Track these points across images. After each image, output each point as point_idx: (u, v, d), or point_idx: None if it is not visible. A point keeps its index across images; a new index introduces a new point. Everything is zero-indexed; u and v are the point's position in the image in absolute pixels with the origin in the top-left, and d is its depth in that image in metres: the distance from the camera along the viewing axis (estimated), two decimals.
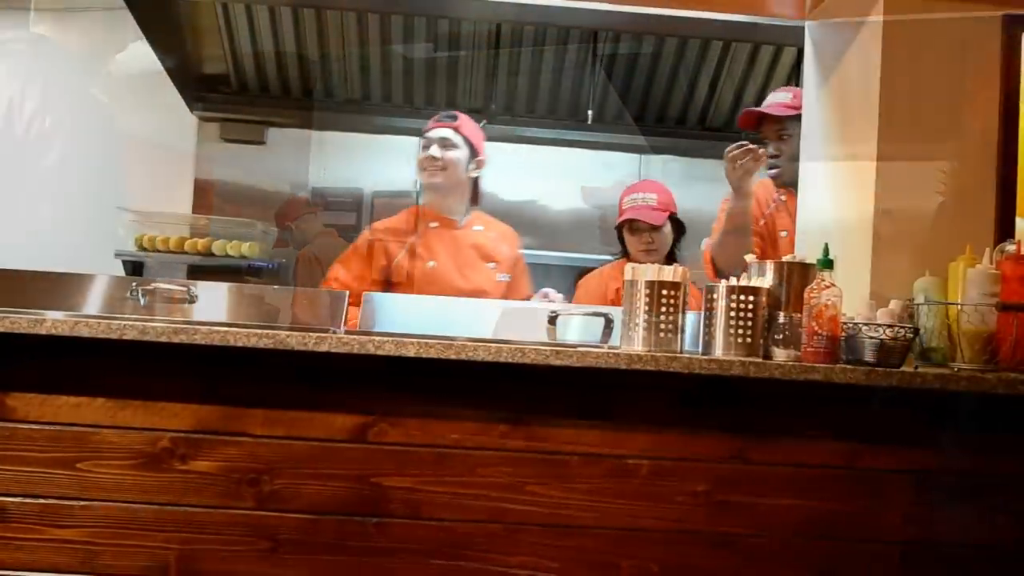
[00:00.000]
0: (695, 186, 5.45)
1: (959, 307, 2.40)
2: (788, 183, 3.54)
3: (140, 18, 4.18)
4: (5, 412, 2.27)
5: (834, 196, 2.95)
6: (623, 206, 3.83)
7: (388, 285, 3.59)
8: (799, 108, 3.37)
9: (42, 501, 2.27)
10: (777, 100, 3.65)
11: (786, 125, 3.55)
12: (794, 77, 4.88)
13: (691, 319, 2.41)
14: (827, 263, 2.35)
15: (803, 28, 3.28)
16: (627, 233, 3.82)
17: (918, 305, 2.48)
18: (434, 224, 3.70)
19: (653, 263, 3.73)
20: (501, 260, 3.74)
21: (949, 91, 2.70)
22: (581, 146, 5.34)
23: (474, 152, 3.73)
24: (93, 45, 5.29)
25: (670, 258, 3.84)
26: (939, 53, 2.71)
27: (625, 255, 3.87)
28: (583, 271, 4.12)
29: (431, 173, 3.67)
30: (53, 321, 2.21)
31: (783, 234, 3.55)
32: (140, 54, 4.59)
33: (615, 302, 3.53)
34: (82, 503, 2.27)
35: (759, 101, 5.03)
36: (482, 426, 2.31)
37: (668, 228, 3.81)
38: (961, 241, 2.50)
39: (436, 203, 3.73)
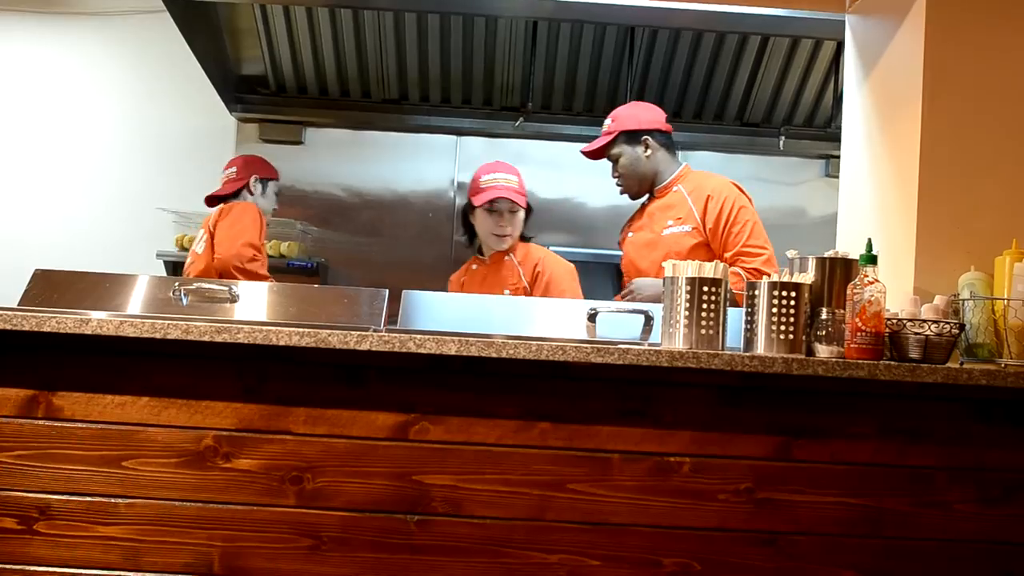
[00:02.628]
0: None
1: (1006, 302, 2.37)
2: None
3: (180, 20, 4.22)
4: (52, 411, 2.30)
5: (877, 191, 2.92)
6: (481, 185, 3.73)
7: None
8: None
9: (87, 499, 2.29)
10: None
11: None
12: (833, 70, 4.84)
13: (733, 315, 2.38)
14: (870, 258, 2.33)
15: (843, 21, 3.25)
16: (483, 213, 3.73)
17: (964, 300, 2.45)
18: None
19: (504, 249, 3.73)
20: None
21: (996, 84, 2.65)
22: None
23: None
24: (133, 47, 5.35)
25: (524, 242, 3.82)
26: (984, 44, 2.66)
27: (470, 241, 3.85)
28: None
29: None
30: (99, 321, 2.23)
31: None
32: (180, 56, 4.64)
33: None
34: (127, 501, 2.30)
35: (798, 95, 5.01)
36: (523, 424, 2.31)
37: (522, 215, 3.77)
38: (1007, 235, 2.47)
39: None
